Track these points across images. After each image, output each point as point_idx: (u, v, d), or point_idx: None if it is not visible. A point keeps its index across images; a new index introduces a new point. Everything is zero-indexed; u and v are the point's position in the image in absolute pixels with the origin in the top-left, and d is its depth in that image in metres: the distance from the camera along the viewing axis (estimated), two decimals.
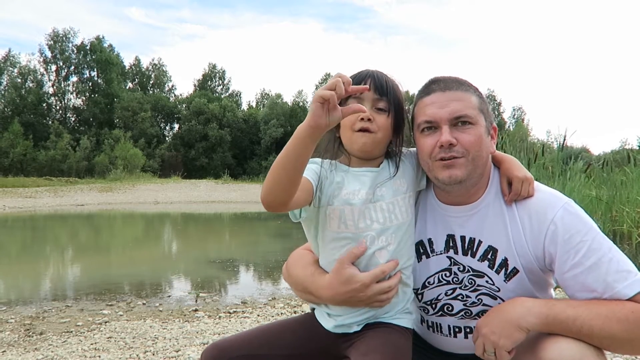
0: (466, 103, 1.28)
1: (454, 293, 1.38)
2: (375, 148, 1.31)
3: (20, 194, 23.05)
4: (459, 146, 1.26)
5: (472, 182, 1.30)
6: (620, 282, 1.15)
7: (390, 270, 1.29)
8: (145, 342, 3.40)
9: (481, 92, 1.35)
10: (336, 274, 1.28)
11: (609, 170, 7.03)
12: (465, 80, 1.35)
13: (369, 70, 1.33)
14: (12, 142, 37.78)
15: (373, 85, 1.29)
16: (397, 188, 1.33)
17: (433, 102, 1.29)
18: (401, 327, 1.33)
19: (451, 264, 1.37)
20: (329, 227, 1.31)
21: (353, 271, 1.26)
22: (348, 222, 1.29)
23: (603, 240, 1.21)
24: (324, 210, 1.31)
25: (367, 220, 1.29)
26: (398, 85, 1.35)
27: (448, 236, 1.37)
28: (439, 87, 1.31)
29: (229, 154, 44.75)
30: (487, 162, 1.34)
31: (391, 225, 1.30)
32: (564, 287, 1.25)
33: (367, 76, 1.31)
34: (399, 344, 1.27)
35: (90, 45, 46.61)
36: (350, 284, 1.25)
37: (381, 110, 1.29)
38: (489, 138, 1.33)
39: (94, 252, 9.26)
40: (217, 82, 54.95)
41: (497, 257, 1.31)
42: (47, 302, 4.90)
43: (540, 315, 1.17)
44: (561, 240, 1.22)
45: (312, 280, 1.35)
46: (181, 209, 19.89)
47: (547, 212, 1.25)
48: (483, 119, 1.30)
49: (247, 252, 8.85)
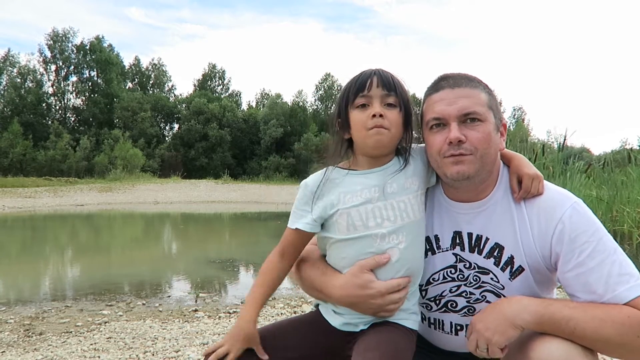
0: (475, 100, 1.27)
1: (459, 290, 1.37)
2: (389, 144, 1.31)
3: (19, 194, 23.03)
4: (468, 143, 1.25)
5: (480, 178, 1.30)
6: (621, 285, 1.15)
7: (405, 284, 1.29)
8: (145, 343, 3.40)
9: (491, 89, 1.34)
10: (353, 277, 1.28)
11: (610, 170, 7.03)
12: (474, 76, 1.33)
13: (373, 69, 1.33)
14: (12, 142, 37.74)
15: (380, 81, 1.29)
16: (408, 186, 1.32)
17: (442, 99, 1.29)
18: (406, 328, 1.33)
19: (457, 261, 1.36)
20: (338, 232, 1.31)
21: (371, 277, 1.27)
22: (357, 223, 1.29)
23: (608, 242, 1.21)
24: (329, 221, 1.32)
25: (377, 218, 1.28)
26: (403, 82, 1.34)
27: (455, 233, 1.37)
28: (447, 84, 1.30)
29: (229, 154, 44.73)
30: (496, 159, 1.33)
31: (403, 223, 1.29)
32: (565, 286, 1.25)
33: (373, 74, 1.30)
34: (401, 344, 1.27)
35: (90, 45, 46.54)
36: (366, 289, 1.26)
37: (391, 105, 1.29)
38: (498, 135, 1.32)
39: (94, 252, 9.26)
40: (217, 82, 54.94)
41: (503, 254, 1.31)
42: (47, 303, 4.89)
43: (535, 314, 1.17)
44: (567, 239, 1.22)
45: (322, 279, 1.35)
46: (181, 209, 19.88)
47: (555, 211, 1.25)
48: (492, 115, 1.29)
49: (247, 252, 8.84)
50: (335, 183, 1.32)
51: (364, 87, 1.28)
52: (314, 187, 1.33)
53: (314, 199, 1.32)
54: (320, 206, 1.31)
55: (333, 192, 1.31)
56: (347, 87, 1.33)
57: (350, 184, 1.31)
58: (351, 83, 1.32)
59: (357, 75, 1.33)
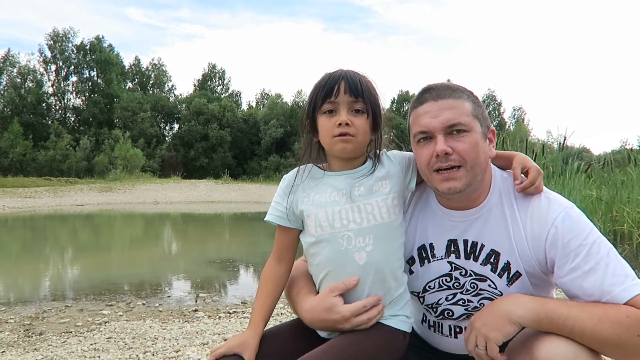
0: (459, 110, 1.27)
1: (455, 298, 1.38)
2: (355, 150, 1.32)
3: (19, 194, 23.03)
4: (455, 154, 1.25)
5: (472, 188, 1.30)
6: (616, 286, 1.15)
7: (372, 304, 1.28)
8: (145, 343, 3.40)
9: (476, 97, 1.34)
10: (319, 300, 1.29)
11: (610, 170, 7.03)
12: (458, 86, 1.33)
13: (342, 71, 1.31)
14: (12, 142, 37.72)
15: (347, 87, 1.27)
16: (377, 189, 1.32)
17: (426, 112, 1.29)
18: (390, 328, 1.31)
19: (452, 269, 1.37)
20: (309, 232, 1.33)
21: (336, 301, 1.27)
22: (323, 223, 1.30)
23: (602, 245, 1.21)
24: (303, 224, 1.35)
25: (343, 220, 1.29)
26: (373, 84, 1.33)
27: (449, 241, 1.37)
28: (431, 97, 1.30)
29: (229, 154, 44.71)
30: (487, 166, 1.33)
31: (369, 225, 1.29)
32: (563, 291, 1.26)
33: (340, 77, 1.28)
34: (365, 344, 1.25)
35: (90, 45, 46.53)
36: (331, 314, 1.26)
37: (358, 112, 1.28)
38: (486, 143, 1.32)
39: (94, 252, 9.25)
40: (217, 82, 54.93)
41: (499, 260, 1.31)
42: (47, 303, 4.89)
43: (532, 311, 1.17)
44: (561, 244, 1.22)
45: (296, 299, 1.37)
46: (181, 209, 19.88)
47: (548, 216, 1.26)
48: (478, 124, 1.29)
49: (247, 252, 8.84)
50: (310, 183, 1.35)
51: (331, 93, 1.27)
52: (290, 181, 1.37)
53: (289, 193, 1.35)
54: (292, 200, 1.34)
55: (306, 191, 1.34)
56: (315, 91, 1.31)
57: (321, 186, 1.34)
58: (319, 87, 1.30)
59: (325, 77, 1.31)
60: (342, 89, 1.27)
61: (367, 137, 1.31)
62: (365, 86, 1.29)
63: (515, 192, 1.33)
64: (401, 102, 57.62)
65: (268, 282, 1.37)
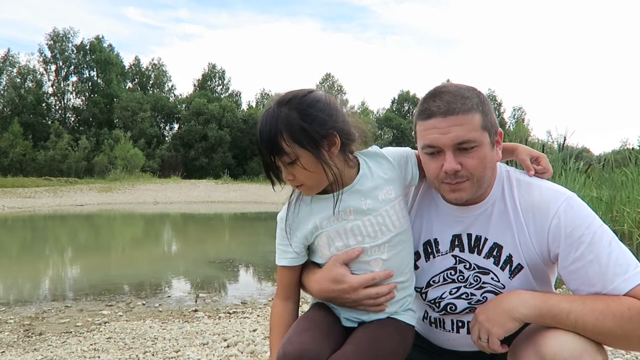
0: (469, 126, 1.23)
1: (458, 292, 1.38)
2: (316, 190, 1.27)
3: (19, 194, 23.02)
4: (464, 170, 1.25)
5: (478, 193, 1.32)
6: (619, 276, 1.16)
7: (381, 279, 1.26)
8: (144, 343, 3.39)
9: (483, 97, 1.29)
10: (326, 271, 1.29)
11: (610, 170, 7.03)
12: (467, 94, 1.25)
13: (260, 125, 1.20)
14: (12, 142, 37.72)
15: (267, 149, 1.19)
16: (384, 197, 1.30)
17: (435, 127, 1.25)
18: (402, 323, 1.32)
19: (456, 262, 1.37)
20: (321, 255, 1.31)
21: (343, 271, 1.26)
22: (337, 244, 1.27)
23: (604, 234, 1.21)
24: (312, 247, 1.33)
25: (357, 237, 1.27)
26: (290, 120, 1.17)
27: (454, 236, 1.37)
28: (439, 111, 1.23)
29: (229, 154, 44.72)
30: (494, 171, 1.33)
31: (383, 237, 1.28)
32: (566, 281, 1.25)
33: (260, 140, 1.20)
34: (384, 339, 1.24)
35: (89, 45, 46.52)
36: (338, 283, 1.26)
37: (290, 164, 1.20)
38: (494, 151, 1.31)
39: (94, 252, 9.25)
40: (216, 82, 54.89)
41: (502, 253, 1.32)
42: (47, 303, 4.89)
43: (533, 307, 1.19)
44: (564, 234, 1.23)
45: (305, 272, 1.36)
46: (181, 209, 19.88)
47: (550, 207, 1.26)
48: (487, 135, 1.27)
49: (247, 252, 8.84)
50: (306, 212, 1.30)
51: (264, 160, 1.23)
52: (284, 221, 1.32)
53: (289, 233, 1.31)
54: (299, 237, 1.30)
55: (309, 221, 1.29)
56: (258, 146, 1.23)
57: (321, 209, 1.28)
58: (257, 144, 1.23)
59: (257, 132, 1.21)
60: (266, 152, 1.20)
61: (317, 174, 1.21)
62: (280, 132, 1.16)
63: (517, 184, 1.34)
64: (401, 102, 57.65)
65: (280, 326, 1.31)
